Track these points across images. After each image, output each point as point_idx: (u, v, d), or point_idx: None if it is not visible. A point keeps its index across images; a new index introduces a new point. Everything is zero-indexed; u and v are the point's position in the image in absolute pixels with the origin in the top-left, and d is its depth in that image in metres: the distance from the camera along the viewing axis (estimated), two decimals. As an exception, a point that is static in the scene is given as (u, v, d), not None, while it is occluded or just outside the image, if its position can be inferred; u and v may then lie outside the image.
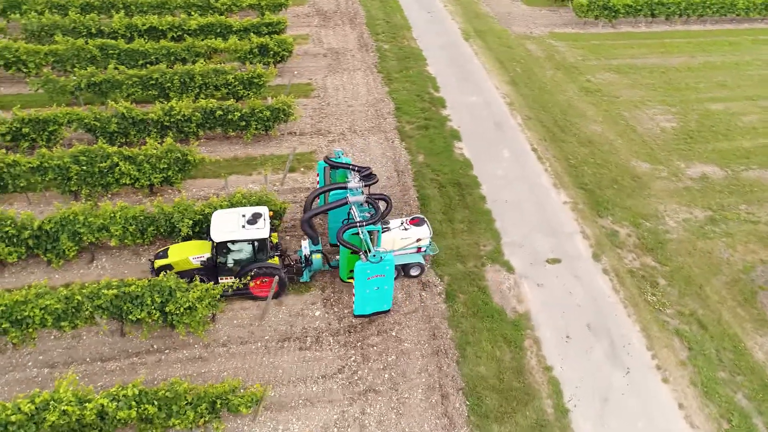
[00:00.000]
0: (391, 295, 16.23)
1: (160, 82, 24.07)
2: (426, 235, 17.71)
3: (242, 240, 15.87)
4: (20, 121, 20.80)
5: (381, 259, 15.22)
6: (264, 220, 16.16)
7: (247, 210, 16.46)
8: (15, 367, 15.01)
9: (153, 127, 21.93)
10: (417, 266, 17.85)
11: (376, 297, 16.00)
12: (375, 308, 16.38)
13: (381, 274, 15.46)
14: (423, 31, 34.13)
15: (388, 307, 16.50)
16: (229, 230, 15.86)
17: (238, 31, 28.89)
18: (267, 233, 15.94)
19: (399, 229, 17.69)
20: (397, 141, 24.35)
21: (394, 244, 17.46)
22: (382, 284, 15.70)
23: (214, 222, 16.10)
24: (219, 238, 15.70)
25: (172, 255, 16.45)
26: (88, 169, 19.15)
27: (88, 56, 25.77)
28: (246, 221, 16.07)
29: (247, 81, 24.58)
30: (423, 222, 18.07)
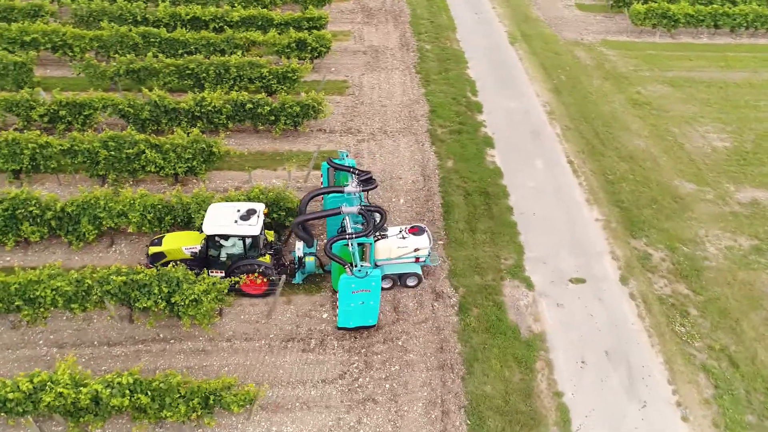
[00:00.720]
0: (376, 311, 15.86)
1: (196, 72, 24.57)
2: (425, 246, 17.26)
3: (233, 235, 15.88)
4: (58, 104, 21.62)
5: (367, 274, 14.94)
6: (258, 217, 16.11)
7: (243, 206, 16.45)
8: (26, 344, 15.58)
9: (184, 117, 22.39)
10: (414, 276, 17.38)
11: (361, 311, 15.70)
12: (359, 322, 16.02)
13: (366, 289, 15.18)
14: (468, 32, 33.62)
15: (373, 322, 16.10)
16: (221, 224, 15.92)
17: (279, 25, 29.19)
18: (258, 230, 15.88)
19: (396, 237, 17.28)
20: (428, 144, 24.04)
21: (390, 252, 17.07)
22: (367, 299, 15.40)
23: (209, 215, 16.21)
24: (210, 230, 15.83)
25: (166, 243, 16.67)
26: (116, 155, 19.72)
27: (131, 43, 26.57)
28: (239, 217, 16.05)
29: (281, 75, 24.80)
30: (423, 231, 17.61)
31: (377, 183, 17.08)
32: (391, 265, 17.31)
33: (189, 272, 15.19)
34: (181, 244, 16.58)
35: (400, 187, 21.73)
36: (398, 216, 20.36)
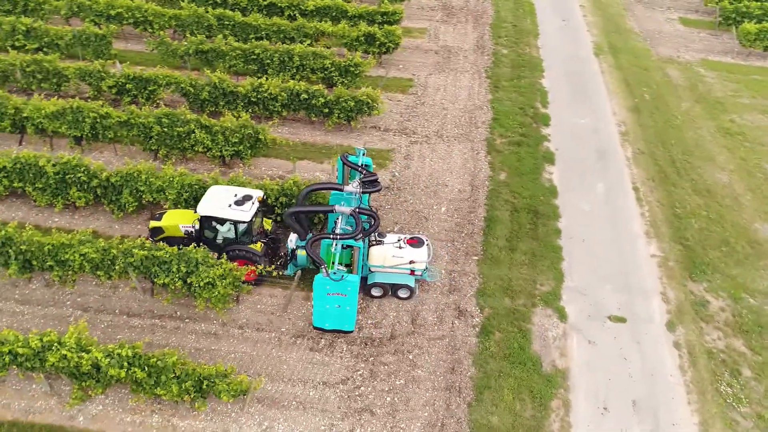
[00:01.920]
0: (353, 317, 15.55)
1: (261, 57, 25.25)
2: (421, 259, 16.77)
3: (224, 219, 16.15)
4: (126, 77, 22.94)
5: (342, 277, 14.65)
6: (252, 204, 16.27)
7: (241, 191, 16.70)
8: (55, 303, 16.67)
9: (241, 101, 23.08)
10: (406, 289, 16.90)
11: (337, 315, 15.48)
12: (335, 326, 15.83)
13: (342, 293, 14.90)
14: (550, 39, 32.36)
15: (349, 328, 15.86)
16: (214, 206, 16.24)
17: (353, 17, 29.42)
18: (248, 217, 16.02)
19: (393, 245, 16.87)
20: (483, 154, 23.37)
21: (385, 260, 16.72)
22: (343, 304, 15.15)
23: (206, 196, 16.62)
24: (203, 211, 16.20)
25: (166, 219, 17.16)
26: (168, 132, 20.65)
27: (206, 24, 27.73)
28: (234, 202, 16.28)
29: (343, 68, 24.98)
30: (422, 244, 17.07)
31: (381, 187, 16.84)
32: (385, 273, 16.92)
33: (209, 255, 15.63)
34: (179, 221, 17.07)
35: (445, 194, 21.27)
36: (436, 225, 19.96)
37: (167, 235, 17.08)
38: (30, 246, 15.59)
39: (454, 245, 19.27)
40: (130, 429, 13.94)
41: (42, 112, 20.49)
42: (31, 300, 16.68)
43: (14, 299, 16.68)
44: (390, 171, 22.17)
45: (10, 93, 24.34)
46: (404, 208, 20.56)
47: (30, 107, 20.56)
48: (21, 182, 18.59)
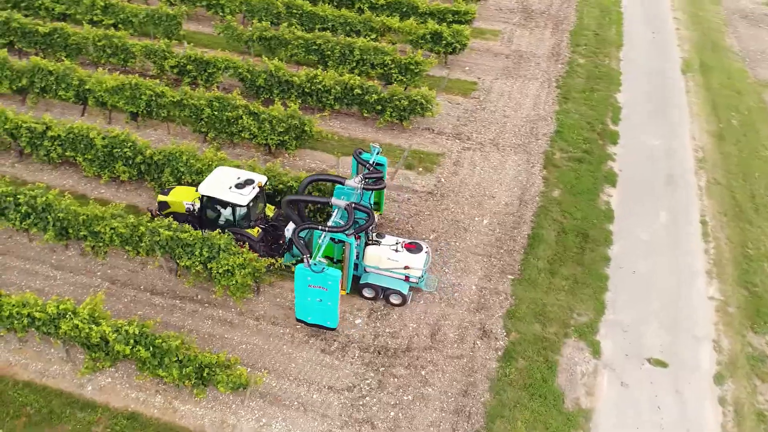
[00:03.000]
0: (335, 314, 15.32)
1: (322, 48, 25.40)
2: (416, 266, 16.25)
3: (221, 200, 16.32)
4: (187, 59, 23.71)
5: (323, 270, 14.37)
6: (252, 188, 16.37)
7: (245, 174, 16.84)
8: (87, 272, 17.43)
9: (295, 91, 23.29)
10: (397, 295, 16.49)
11: (319, 309, 15.31)
12: (317, 320, 15.70)
13: (323, 287, 14.67)
14: (634, 52, 30.60)
15: (332, 325, 15.68)
16: (215, 187, 16.46)
17: (423, 14, 29.05)
18: (245, 201, 16.14)
19: (389, 248, 16.45)
20: (538, 167, 22.40)
21: (380, 262, 16.38)
22: (325, 298, 14.92)
23: (211, 175, 16.91)
24: (203, 190, 16.48)
25: (173, 194, 17.60)
26: (218, 115, 21.14)
27: (275, 11, 28.24)
28: (235, 184, 16.42)
29: (403, 66, 24.68)
30: (420, 250, 16.52)
31: (384, 186, 16.61)
32: (378, 275, 16.59)
33: (233, 243, 15.79)
34: (184, 198, 17.44)
35: (489, 206, 20.54)
36: (475, 237, 19.30)
37: (172, 210, 17.53)
38: (67, 215, 16.37)
39: (491, 261, 18.55)
40: (133, 405, 14.33)
41: (103, 85, 21.52)
42: (65, 266, 17.53)
43: (50, 263, 17.58)
44: (436, 176, 21.67)
45: (83, 65, 25.83)
46: (444, 216, 20.02)
47: (92, 80, 21.65)
48: (73, 151, 19.58)
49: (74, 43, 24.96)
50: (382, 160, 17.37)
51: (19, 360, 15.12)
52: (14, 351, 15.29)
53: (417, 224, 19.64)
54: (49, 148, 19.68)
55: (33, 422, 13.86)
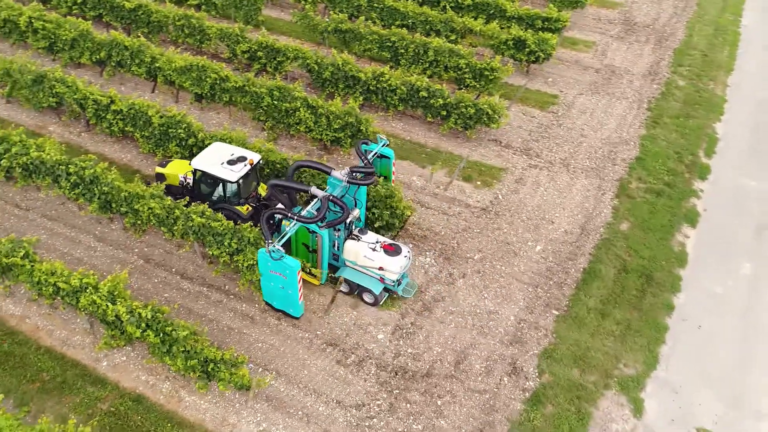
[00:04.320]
0: (296, 303, 15.40)
1: (396, 45, 24.99)
2: (391, 270, 15.90)
3: (211, 174, 16.64)
4: (259, 45, 24.06)
5: (281, 258, 14.42)
6: (244, 165, 16.59)
7: (240, 152, 17.10)
8: (125, 247, 18.04)
9: (360, 87, 23.05)
10: (370, 294, 16.34)
11: (282, 296, 15.50)
12: (281, 306, 15.97)
13: (282, 275, 14.77)
14: (746, 78, 27.89)
15: (295, 314, 15.90)
16: (207, 162, 16.81)
17: (511, 18, 27.94)
18: (234, 177, 16.37)
19: (368, 245, 16.21)
20: (610, 195, 20.86)
21: (357, 258, 16.27)
22: (286, 286, 15.04)
23: (206, 150, 17.32)
24: (195, 164, 16.94)
25: (170, 167, 18.30)
26: (277, 105, 21.26)
27: (356, 3, 28.14)
28: (227, 160, 16.70)
29: (478, 71, 23.80)
30: (398, 254, 16.07)
31: (373, 181, 16.14)
32: (355, 271, 16.52)
33: (261, 238, 15.73)
34: (180, 171, 18.09)
35: (546, 232, 19.34)
36: (524, 263, 18.22)
37: (168, 183, 18.23)
38: (111, 189, 16.97)
39: (536, 291, 17.44)
40: (141, 387, 14.61)
41: (172, 65, 22.22)
42: (107, 239, 18.22)
43: (93, 234, 18.34)
44: (494, 192, 20.70)
45: (164, 43, 26.91)
46: (494, 237, 19.07)
47: (163, 59, 22.40)
48: (133, 127, 20.34)
49: (156, 21, 26.01)
50: (389, 153, 17.22)
51: (47, 325, 15.84)
52: (44, 315, 16.03)
53: (463, 241, 18.82)
54: (111, 122, 20.56)
55: (45, 389, 14.43)
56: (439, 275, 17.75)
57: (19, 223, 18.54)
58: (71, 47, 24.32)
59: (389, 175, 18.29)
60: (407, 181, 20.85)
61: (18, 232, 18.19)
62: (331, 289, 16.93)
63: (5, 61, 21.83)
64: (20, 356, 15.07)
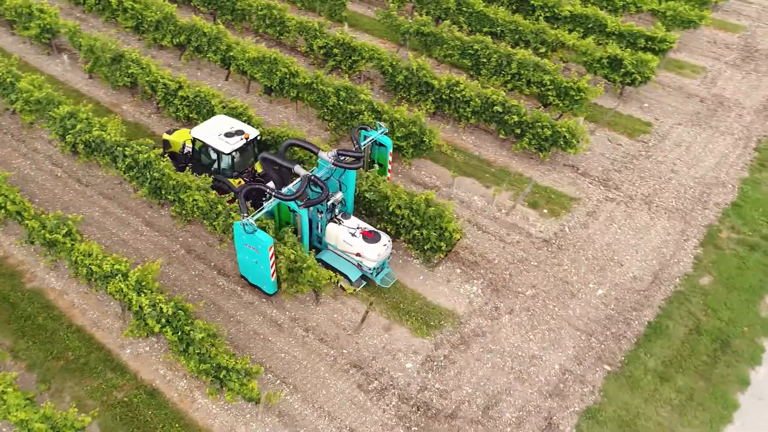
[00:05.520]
0: (270, 281, 15.54)
1: (478, 54, 23.98)
2: (369, 257, 15.99)
3: (208, 144, 17.30)
4: (335, 42, 23.82)
5: (254, 232, 14.61)
6: (240, 139, 17.17)
7: (239, 126, 17.75)
8: (170, 235, 18.26)
9: (432, 95, 22.27)
10: (346, 280, 16.47)
11: (256, 271, 15.77)
12: (256, 282, 16.29)
13: (255, 249, 14.98)
14: None
15: (268, 291, 16.11)
16: (206, 132, 17.49)
17: (611, 34, 26.14)
18: (229, 150, 16.97)
19: (349, 230, 16.26)
20: (694, 243, 18.93)
21: (337, 241, 16.47)
22: (259, 261, 15.25)
23: (208, 121, 18.09)
24: (193, 132, 17.65)
25: (175, 135, 19.29)
26: (343, 106, 20.89)
27: (444, 6, 27.34)
28: (225, 133, 17.31)
29: (563, 89, 22.36)
30: (377, 241, 16.01)
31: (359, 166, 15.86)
32: (335, 255, 16.73)
33: (297, 242, 15.37)
34: (182, 139, 18.96)
35: (613, 275, 17.79)
36: (580, 307, 16.83)
37: (172, 150, 19.21)
38: (161, 176, 17.21)
39: (589, 341, 16.03)
40: (158, 381, 14.66)
41: (245, 55, 22.38)
42: (155, 224, 18.55)
43: (143, 218, 18.73)
44: (561, 223, 19.32)
45: (247, 31, 27.31)
46: (553, 273, 17.75)
47: (237, 48, 22.62)
48: (197, 114, 20.64)
49: (240, 9, 26.40)
50: (387, 141, 17.40)
51: (82, 304, 16.28)
52: (81, 294, 16.49)
53: (517, 273, 17.66)
54: (178, 107, 20.96)
55: (68, 368, 14.78)
56: (483, 307, 16.71)
57: (77, 198, 19.25)
58: (155, 29, 25.14)
59: (386, 164, 18.21)
60: (467, 200, 19.88)
61: (74, 206, 18.89)
62: (363, 306, 16.34)
63: (90, 38, 22.80)
64: (51, 331, 15.54)
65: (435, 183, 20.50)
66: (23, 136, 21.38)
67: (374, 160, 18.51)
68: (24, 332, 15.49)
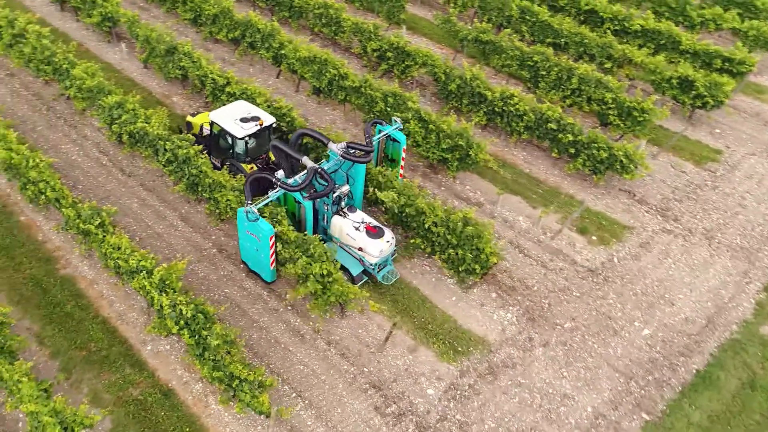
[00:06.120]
0: (268, 269, 15.82)
1: (537, 66, 23.04)
2: (370, 253, 15.80)
3: (222, 127, 17.51)
4: (389, 45, 23.37)
5: (256, 220, 14.84)
6: (254, 126, 17.35)
7: (257, 112, 17.89)
8: (204, 233, 18.26)
9: (485, 106, 21.52)
10: (347, 273, 16.15)
11: (256, 258, 16.06)
12: (255, 268, 16.59)
13: (256, 236, 15.21)
14: None
15: (267, 279, 16.40)
16: (223, 115, 17.72)
17: (685, 52, 24.68)
18: (242, 135, 17.18)
19: (353, 224, 16.15)
20: (756, 287, 17.52)
21: (341, 235, 16.41)
22: (260, 249, 15.45)
23: (228, 105, 18.40)
24: (212, 115, 17.92)
25: (198, 118, 19.61)
26: (390, 112, 20.42)
27: (506, 14, 26.48)
28: (241, 117, 17.53)
29: (625, 109, 21.17)
30: (380, 236, 15.82)
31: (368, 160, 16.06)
32: (339, 248, 16.52)
33: (327, 253, 14.98)
34: (203, 121, 19.28)
35: (662, 315, 16.65)
36: (622, 346, 15.80)
37: (194, 132, 19.47)
38: (198, 173, 17.20)
39: (628, 385, 15.00)
40: (174, 382, 14.59)
41: (296, 54, 22.24)
42: (190, 220, 18.60)
43: (179, 213, 18.81)
44: (609, 253, 18.26)
45: (302, 29, 27.23)
46: (595, 306, 16.76)
47: (289, 47, 22.50)
48: (243, 112, 20.61)
49: (297, 6, 26.32)
50: (401, 137, 17.38)
51: (110, 295, 16.43)
52: (111, 285, 16.65)
53: (556, 303, 16.76)
54: (225, 102, 20.99)
55: (88, 360, 14.91)
56: (517, 337, 15.92)
57: (118, 188, 19.53)
58: (212, 22, 25.35)
59: (398, 160, 18.11)
60: (511, 220, 19.08)
61: (114, 196, 19.17)
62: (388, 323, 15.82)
63: (147, 29, 23.17)
64: (78, 320, 15.74)
65: (479, 199, 19.77)
66: (75, 122, 21.90)
67: (387, 155, 18.42)
68: (52, 319, 15.74)
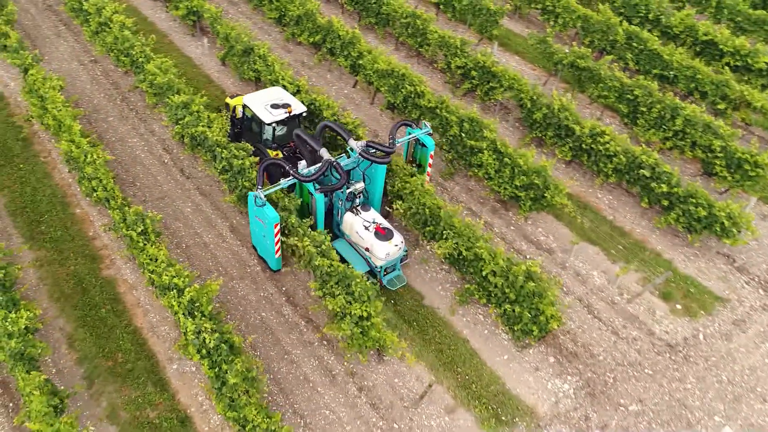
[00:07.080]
0: (273, 258, 16.03)
1: (637, 101, 20.92)
2: (377, 255, 15.59)
3: (252, 111, 17.70)
4: (475, 63, 21.99)
5: (263, 205, 14.96)
6: (284, 113, 17.40)
7: (289, 99, 17.96)
8: (248, 248, 17.64)
9: (573, 142, 19.73)
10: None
11: (264, 244, 16.24)
12: (263, 254, 16.82)
13: (263, 221, 15.34)
14: None
15: (272, 267, 16.57)
16: (256, 100, 17.85)
17: (814, 99, 21.72)
18: (270, 120, 17.27)
19: (363, 222, 15.96)
20: None
21: (351, 232, 16.33)
22: (267, 235, 15.55)
23: (263, 90, 18.54)
24: (245, 98, 18.09)
25: (235, 100, 19.67)
26: (464, 138, 19.10)
27: (611, 39, 24.38)
28: (272, 103, 17.60)
29: (735, 160, 18.77)
30: (389, 239, 15.57)
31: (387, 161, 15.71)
32: (348, 245, 16.62)
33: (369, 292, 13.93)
34: (238, 103, 19.31)
35: (749, 411, 14.44)
36: (694, 444, 13.76)
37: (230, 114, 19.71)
38: (251, 186, 16.62)
39: (697, 492, 12.99)
40: (193, 409, 14.02)
41: (374, 66, 21.31)
42: (239, 232, 18.05)
43: (230, 223, 18.32)
44: (695, 326, 16.11)
45: (388, 37, 26.29)
46: (669, 389, 14.75)
47: (368, 58, 21.59)
48: (308, 123, 19.89)
49: (385, 14, 25.40)
50: (429, 142, 17.18)
51: (146, 304, 16.13)
52: (148, 292, 16.35)
53: (623, 379, 14.89)
54: (293, 111, 20.41)
55: (113, 371, 14.60)
56: (571, 413, 14.22)
57: (175, 189, 19.34)
58: (295, 24, 24.89)
59: (425, 165, 17.74)
60: (584, 273, 17.28)
61: (171, 197, 18.99)
62: (426, 372, 14.55)
63: (228, 26, 22.97)
64: (110, 327, 15.51)
65: (551, 245, 18.07)
66: (145, 116, 22.02)
67: (414, 160, 17.88)
68: (85, 321, 15.60)
